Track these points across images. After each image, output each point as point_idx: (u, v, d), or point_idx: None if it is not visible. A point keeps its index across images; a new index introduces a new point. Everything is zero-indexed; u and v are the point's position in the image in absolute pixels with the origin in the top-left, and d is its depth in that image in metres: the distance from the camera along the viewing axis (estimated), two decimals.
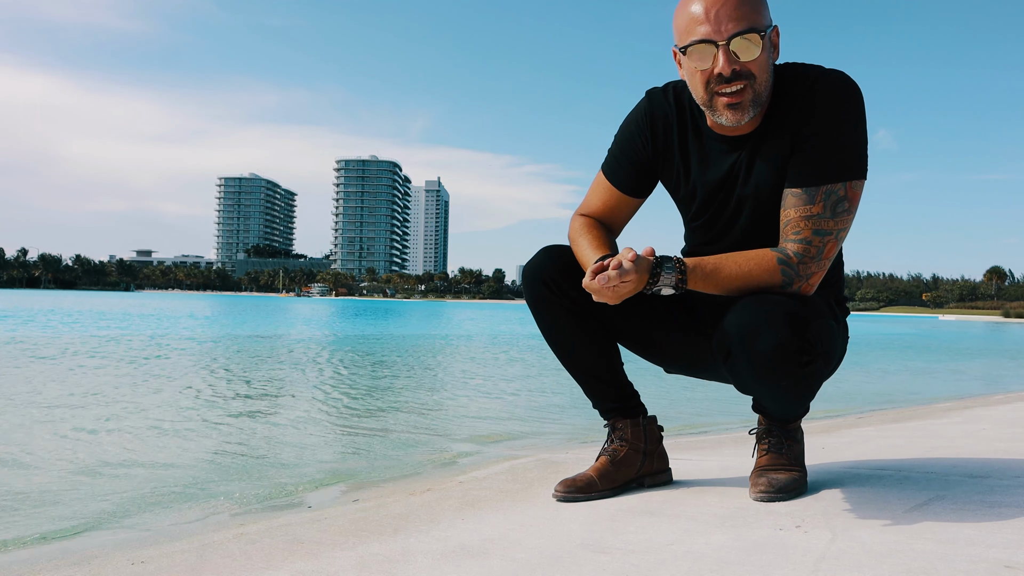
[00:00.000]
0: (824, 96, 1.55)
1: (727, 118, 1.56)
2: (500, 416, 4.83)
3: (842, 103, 1.54)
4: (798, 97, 1.57)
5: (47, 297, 60.15)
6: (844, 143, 1.55)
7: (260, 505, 2.43)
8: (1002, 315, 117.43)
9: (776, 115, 1.60)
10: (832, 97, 1.55)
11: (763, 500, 1.70)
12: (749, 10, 1.51)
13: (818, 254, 1.57)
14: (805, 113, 1.56)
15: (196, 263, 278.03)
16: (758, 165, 1.63)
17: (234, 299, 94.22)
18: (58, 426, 3.96)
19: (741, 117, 1.56)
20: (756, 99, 1.55)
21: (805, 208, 1.56)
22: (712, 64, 1.52)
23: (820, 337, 1.57)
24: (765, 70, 1.54)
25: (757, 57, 1.51)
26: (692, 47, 1.52)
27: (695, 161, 1.71)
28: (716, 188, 1.70)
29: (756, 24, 1.50)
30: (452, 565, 1.38)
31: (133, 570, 1.54)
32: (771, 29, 1.56)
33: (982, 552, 1.25)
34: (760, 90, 1.55)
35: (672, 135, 1.74)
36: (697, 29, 1.51)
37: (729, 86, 1.52)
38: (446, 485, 2.32)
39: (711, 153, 1.69)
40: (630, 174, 1.80)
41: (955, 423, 3.69)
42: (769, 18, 1.56)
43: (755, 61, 1.51)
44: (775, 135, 1.61)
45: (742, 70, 1.51)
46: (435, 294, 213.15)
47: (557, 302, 1.84)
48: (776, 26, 1.59)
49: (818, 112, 1.55)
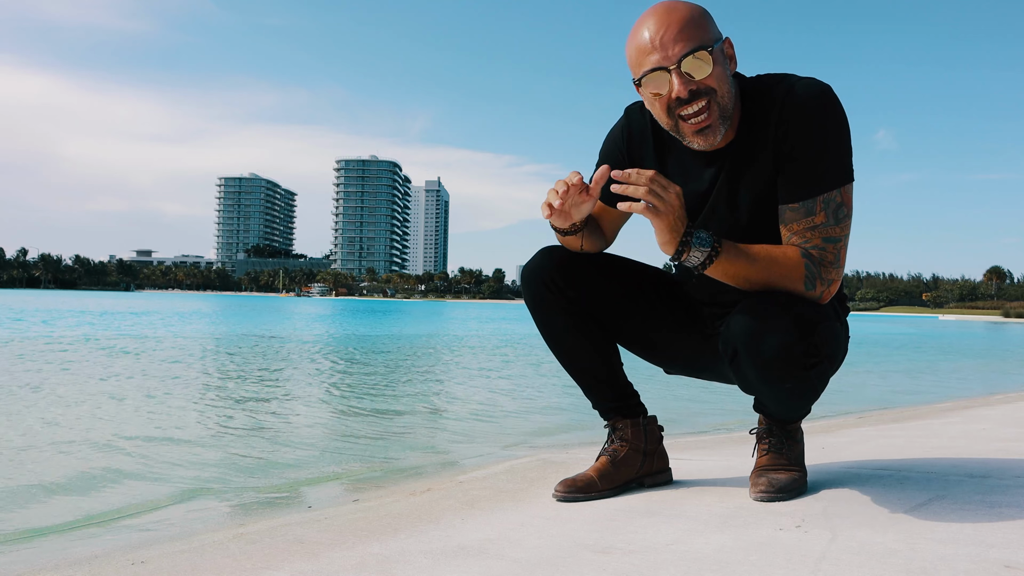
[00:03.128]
0: (804, 106, 1.54)
1: (698, 144, 1.57)
2: (500, 416, 4.83)
3: (823, 111, 1.54)
4: (775, 109, 1.56)
5: (49, 297, 60.16)
6: (832, 150, 1.55)
7: (260, 505, 2.43)
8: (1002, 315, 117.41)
9: (753, 127, 1.60)
10: (812, 107, 1.54)
11: (763, 500, 1.70)
12: (694, 29, 1.51)
13: (835, 260, 1.57)
14: (785, 125, 1.55)
15: (196, 263, 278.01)
16: (738, 178, 1.63)
17: (234, 299, 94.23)
18: (58, 425, 3.96)
19: (712, 139, 1.56)
20: (723, 114, 1.55)
21: (808, 220, 1.56)
22: (668, 89, 1.52)
23: (826, 339, 1.57)
24: (724, 82, 1.54)
25: (711, 72, 1.51)
26: (646, 77, 1.53)
27: (673, 175, 1.71)
28: (698, 202, 1.70)
29: (703, 41, 1.51)
30: (452, 565, 1.38)
31: (133, 570, 1.54)
32: (721, 42, 1.55)
33: (982, 552, 1.25)
34: (725, 103, 1.55)
35: (648, 150, 1.75)
36: (647, 59, 1.52)
37: (691, 106, 1.52)
38: (446, 485, 2.32)
39: (689, 168, 1.70)
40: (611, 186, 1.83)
41: (955, 423, 3.69)
42: (716, 32, 1.55)
43: (711, 76, 1.52)
44: (754, 148, 1.60)
45: (700, 88, 1.52)
46: (435, 294, 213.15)
47: (556, 302, 1.85)
48: (727, 38, 1.58)
49: (801, 123, 1.54)
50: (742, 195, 1.64)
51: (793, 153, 1.55)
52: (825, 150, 1.54)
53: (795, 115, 1.54)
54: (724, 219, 1.67)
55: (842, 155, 1.55)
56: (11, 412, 4.42)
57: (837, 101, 1.56)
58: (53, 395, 5.22)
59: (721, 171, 1.65)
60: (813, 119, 1.54)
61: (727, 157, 1.63)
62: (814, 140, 1.54)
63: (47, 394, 5.27)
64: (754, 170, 1.61)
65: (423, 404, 5.42)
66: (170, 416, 4.44)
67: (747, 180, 1.62)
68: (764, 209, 1.63)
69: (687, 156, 1.69)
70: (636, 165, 1.78)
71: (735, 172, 1.63)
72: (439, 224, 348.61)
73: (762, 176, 1.60)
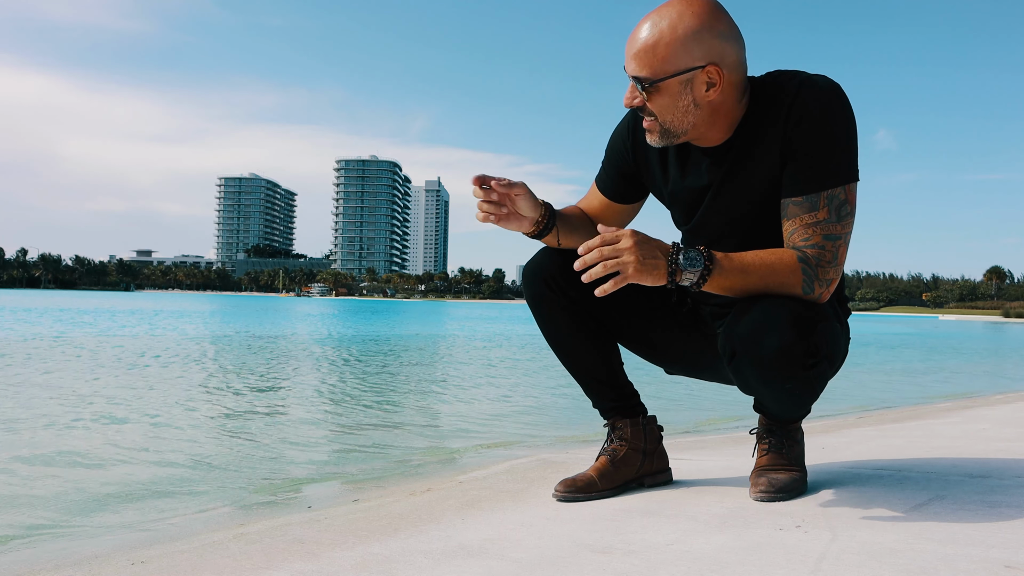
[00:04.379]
0: (813, 103, 1.54)
1: (649, 139, 1.63)
2: (500, 415, 4.83)
3: (832, 108, 1.54)
4: (784, 104, 1.56)
5: (51, 297, 60.15)
6: (839, 147, 1.54)
7: (260, 505, 2.43)
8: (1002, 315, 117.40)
9: (761, 123, 1.59)
10: (821, 103, 1.54)
11: (763, 500, 1.70)
12: (653, 57, 1.52)
13: (833, 259, 1.56)
14: (795, 121, 1.55)
15: (196, 263, 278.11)
16: (740, 174, 1.63)
17: (234, 299, 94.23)
18: (58, 425, 3.96)
19: (655, 140, 1.62)
20: (665, 133, 1.60)
21: (810, 215, 1.55)
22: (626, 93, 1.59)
23: (825, 339, 1.57)
24: (670, 112, 1.56)
25: (654, 101, 1.55)
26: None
27: (676, 170, 1.73)
28: (696, 197, 1.70)
29: (655, 72, 1.52)
30: (452, 565, 1.38)
31: (133, 570, 1.54)
32: (691, 71, 1.51)
33: (982, 552, 1.25)
34: (670, 127, 1.58)
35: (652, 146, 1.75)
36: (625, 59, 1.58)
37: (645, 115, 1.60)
38: (446, 485, 2.32)
39: (692, 163, 1.70)
40: (618, 183, 1.85)
41: (955, 423, 3.69)
42: (690, 60, 1.51)
43: (654, 104, 1.56)
44: (759, 143, 1.60)
45: (645, 106, 1.57)
46: (435, 294, 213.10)
47: (557, 301, 1.85)
48: (711, 65, 1.52)
49: (810, 120, 1.54)
50: (744, 190, 1.63)
51: (801, 148, 1.55)
52: (832, 147, 1.54)
53: (804, 111, 1.54)
54: (724, 215, 1.67)
55: (848, 153, 1.55)
56: (10, 411, 4.42)
57: (846, 100, 1.56)
58: (53, 395, 5.22)
59: (722, 167, 1.64)
60: (822, 116, 1.53)
61: (730, 153, 1.63)
62: (822, 136, 1.54)
63: (48, 394, 5.27)
64: (758, 166, 1.61)
65: (423, 404, 5.43)
66: (170, 416, 4.44)
67: (749, 176, 1.62)
68: (765, 204, 1.62)
69: (689, 151, 1.69)
70: (640, 160, 1.79)
71: (736, 168, 1.63)
72: (439, 224, 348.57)
73: (766, 172, 1.60)
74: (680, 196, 1.74)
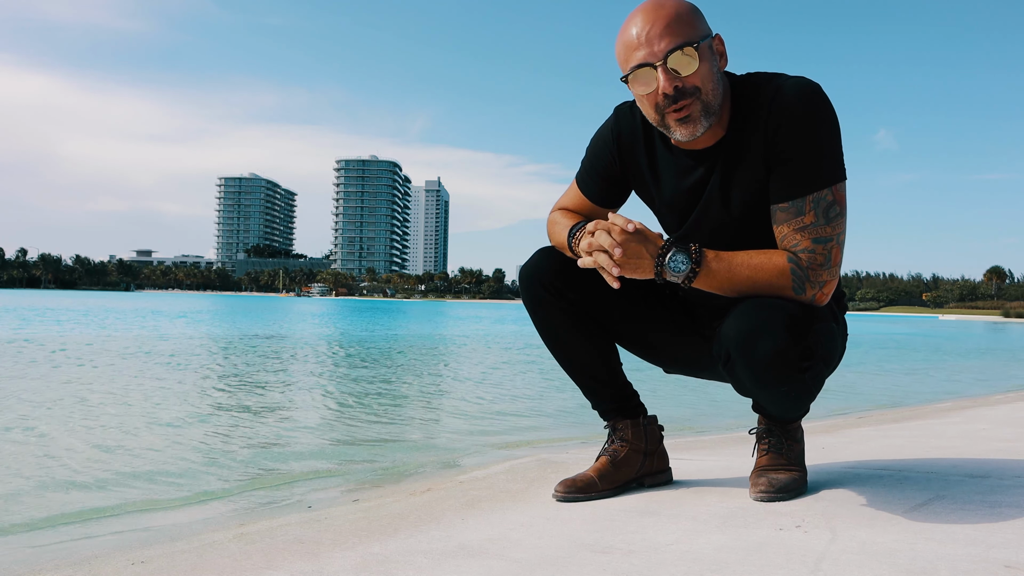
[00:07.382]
0: (792, 106, 1.53)
1: (680, 133, 1.57)
2: (500, 416, 4.83)
3: (813, 110, 1.53)
4: (764, 108, 1.56)
5: (52, 297, 60.16)
6: (822, 149, 1.54)
7: (260, 505, 2.43)
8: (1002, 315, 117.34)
9: (744, 126, 1.59)
10: (800, 106, 1.53)
11: (763, 500, 1.70)
12: (681, 25, 1.51)
13: (826, 261, 1.56)
14: (775, 125, 1.54)
15: (196, 263, 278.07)
16: (729, 178, 1.63)
17: (234, 299, 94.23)
18: (57, 425, 3.96)
19: (694, 130, 1.55)
20: (707, 110, 1.54)
21: (797, 220, 1.55)
22: (655, 86, 1.52)
23: (820, 341, 1.56)
24: (710, 80, 1.54)
25: (697, 69, 1.51)
26: (633, 73, 1.53)
27: (664, 175, 1.72)
28: (688, 201, 1.70)
29: (690, 37, 1.51)
30: (452, 565, 1.38)
31: (133, 570, 1.54)
32: (710, 39, 1.55)
33: (982, 552, 1.25)
34: (709, 100, 1.54)
35: (639, 150, 1.75)
36: (635, 55, 1.53)
37: (676, 104, 1.53)
38: (446, 485, 2.32)
39: (679, 167, 1.69)
40: (601, 186, 1.84)
41: (955, 423, 3.69)
42: (706, 28, 1.56)
43: (696, 74, 1.52)
44: (744, 147, 1.60)
45: (685, 87, 1.52)
46: (435, 294, 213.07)
47: (554, 303, 1.85)
48: (717, 35, 1.58)
49: (789, 124, 1.53)
50: (734, 193, 1.63)
51: (782, 154, 1.55)
52: (814, 149, 1.54)
53: (783, 115, 1.54)
54: (717, 217, 1.67)
55: (832, 154, 1.55)
56: (11, 412, 4.42)
57: (826, 99, 1.55)
58: (53, 395, 5.22)
59: (713, 169, 1.64)
60: (801, 119, 1.53)
61: (718, 155, 1.63)
62: (803, 140, 1.54)
63: (47, 394, 5.26)
64: (745, 169, 1.61)
65: (423, 404, 5.43)
66: (169, 416, 4.43)
67: (739, 179, 1.62)
68: (756, 208, 1.62)
69: (678, 155, 1.69)
70: (627, 166, 1.78)
71: (727, 170, 1.63)
72: (439, 224, 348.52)
73: (754, 176, 1.60)
74: (675, 202, 1.73)
